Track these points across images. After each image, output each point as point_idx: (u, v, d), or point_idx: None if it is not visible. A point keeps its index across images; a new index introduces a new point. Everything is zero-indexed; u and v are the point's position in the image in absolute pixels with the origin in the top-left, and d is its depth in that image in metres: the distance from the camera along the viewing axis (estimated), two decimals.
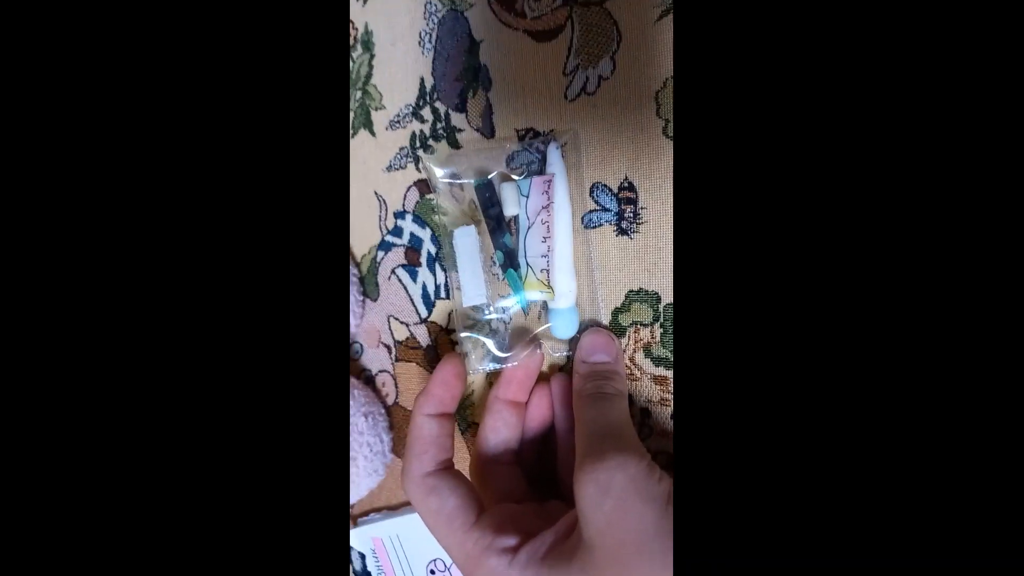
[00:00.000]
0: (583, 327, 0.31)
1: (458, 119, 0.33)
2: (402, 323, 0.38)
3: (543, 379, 0.32)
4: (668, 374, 0.30)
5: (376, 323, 0.39)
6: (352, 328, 0.39)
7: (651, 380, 0.30)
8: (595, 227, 0.30)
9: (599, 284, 0.30)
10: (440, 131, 0.33)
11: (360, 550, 0.42)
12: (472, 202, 0.32)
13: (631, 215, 0.29)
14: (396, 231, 0.36)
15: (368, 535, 0.41)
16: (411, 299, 0.37)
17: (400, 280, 0.37)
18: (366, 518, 0.41)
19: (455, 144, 0.33)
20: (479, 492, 0.29)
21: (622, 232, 0.29)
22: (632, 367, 0.30)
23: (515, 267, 0.30)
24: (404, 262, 0.37)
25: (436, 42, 0.32)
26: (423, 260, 0.36)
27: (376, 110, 0.35)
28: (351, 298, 0.38)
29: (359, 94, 0.36)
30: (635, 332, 0.30)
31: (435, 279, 0.35)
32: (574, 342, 0.31)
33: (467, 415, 0.36)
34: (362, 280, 0.39)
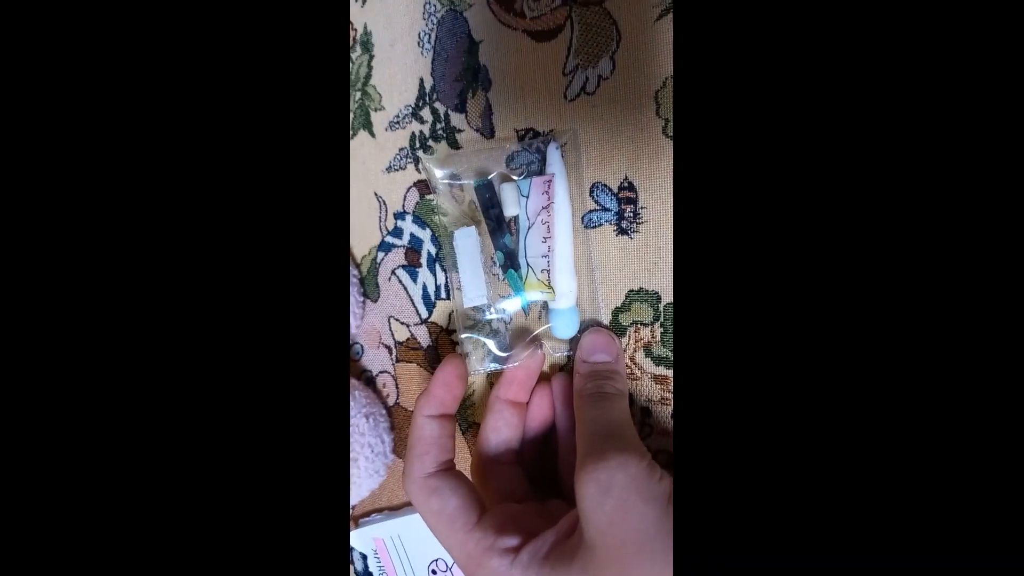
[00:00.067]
0: (583, 327, 0.31)
1: (458, 119, 0.33)
2: (402, 324, 0.38)
3: (544, 379, 0.32)
4: (668, 373, 0.30)
5: (376, 324, 0.39)
6: (352, 329, 0.39)
7: (651, 379, 0.30)
8: (595, 227, 0.30)
9: (599, 284, 0.30)
10: (440, 132, 0.33)
11: (362, 551, 0.42)
12: (472, 203, 0.32)
13: (631, 215, 0.29)
14: (396, 232, 0.36)
15: (370, 535, 0.41)
16: (411, 300, 0.37)
17: (400, 281, 0.37)
18: (368, 519, 0.41)
19: (455, 145, 0.33)
20: (480, 492, 0.29)
21: (622, 232, 0.29)
22: (633, 366, 0.30)
23: (515, 267, 0.30)
24: (404, 263, 0.37)
25: (435, 42, 0.32)
26: (423, 261, 0.36)
27: (375, 111, 0.35)
28: (351, 299, 0.38)
29: (358, 95, 0.36)
30: (635, 331, 0.30)
31: (435, 280, 0.35)
32: (575, 342, 0.31)
33: (468, 415, 0.36)
34: (362, 281, 0.39)
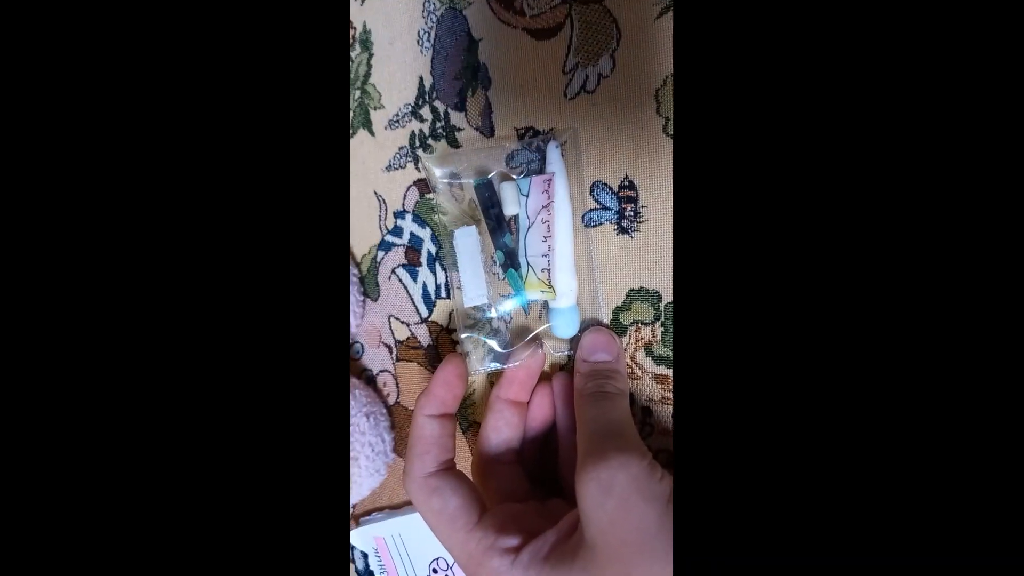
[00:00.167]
0: (584, 326, 0.31)
1: (457, 118, 0.33)
2: (403, 323, 0.38)
3: (544, 378, 0.32)
4: (669, 372, 0.30)
5: (377, 323, 0.39)
6: (353, 328, 0.39)
7: (652, 379, 0.30)
8: (595, 226, 0.30)
9: (600, 283, 0.30)
10: (439, 130, 0.33)
11: (362, 549, 0.42)
12: (472, 201, 0.32)
13: (631, 214, 0.29)
14: (396, 231, 0.36)
15: (370, 534, 0.41)
16: (411, 299, 0.37)
17: (400, 280, 0.37)
18: (368, 518, 0.41)
19: (454, 143, 0.33)
20: (481, 492, 0.29)
21: (622, 231, 0.29)
22: (633, 366, 0.30)
23: (516, 267, 0.30)
24: (404, 262, 0.36)
25: (435, 41, 0.32)
26: (423, 260, 0.36)
27: (375, 109, 0.35)
28: (351, 298, 0.38)
29: (358, 93, 0.36)
30: (636, 331, 0.30)
31: (435, 279, 0.35)
32: (575, 341, 0.31)
33: (469, 415, 0.36)
34: (362, 280, 0.39)
